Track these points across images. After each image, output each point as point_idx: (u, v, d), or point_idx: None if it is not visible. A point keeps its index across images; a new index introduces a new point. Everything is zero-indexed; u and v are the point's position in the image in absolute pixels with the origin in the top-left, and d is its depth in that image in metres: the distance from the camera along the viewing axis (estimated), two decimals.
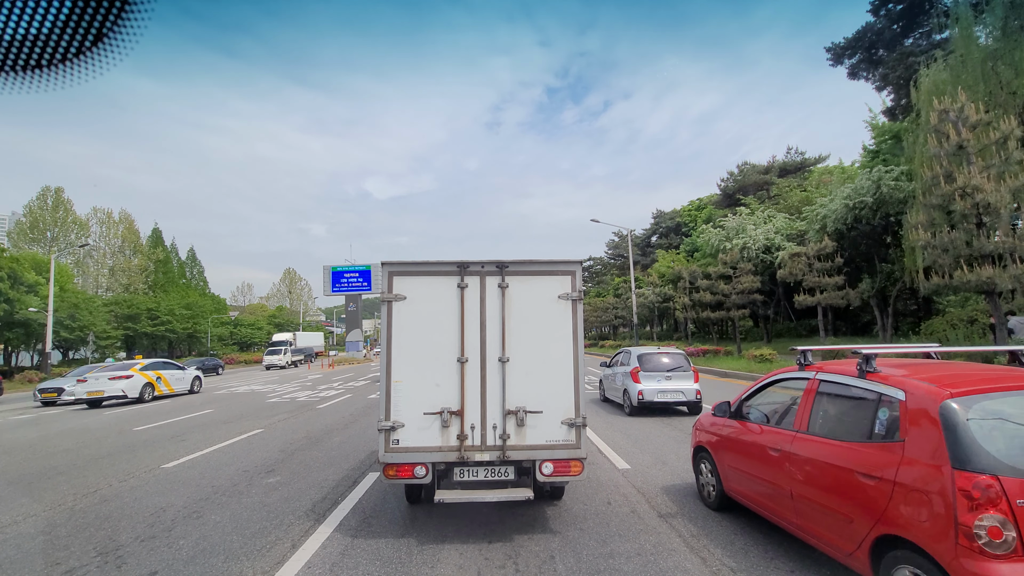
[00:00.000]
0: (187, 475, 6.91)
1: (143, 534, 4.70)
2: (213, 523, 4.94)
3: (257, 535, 4.59)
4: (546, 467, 4.44)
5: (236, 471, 7.04)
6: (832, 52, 22.22)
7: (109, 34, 1.39)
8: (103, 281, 57.57)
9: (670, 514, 4.89)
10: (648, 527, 4.57)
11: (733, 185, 44.76)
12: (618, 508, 5.10)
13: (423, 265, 4.68)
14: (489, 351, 4.58)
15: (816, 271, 17.89)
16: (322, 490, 5.96)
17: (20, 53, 1.37)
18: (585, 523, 4.71)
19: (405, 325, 4.60)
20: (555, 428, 4.50)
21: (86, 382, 16.47)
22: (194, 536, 4.62)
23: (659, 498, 5.39)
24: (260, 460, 7.67)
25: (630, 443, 8.18)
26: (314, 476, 6.62)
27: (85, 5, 1.33)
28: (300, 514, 5.14)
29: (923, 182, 13.08)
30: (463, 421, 4.49)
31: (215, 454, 8.27)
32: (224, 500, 5.69)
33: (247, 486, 6.24)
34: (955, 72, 15.42)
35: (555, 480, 4.54)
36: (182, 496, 5.92)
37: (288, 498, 5.69)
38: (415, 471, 4.46)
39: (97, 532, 4.81)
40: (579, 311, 4.64)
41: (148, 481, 6.67)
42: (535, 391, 4.53)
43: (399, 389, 4.52)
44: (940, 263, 12.32)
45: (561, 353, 4.57)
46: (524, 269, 4.68)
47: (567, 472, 4.47)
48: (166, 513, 5.31)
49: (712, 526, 4.56)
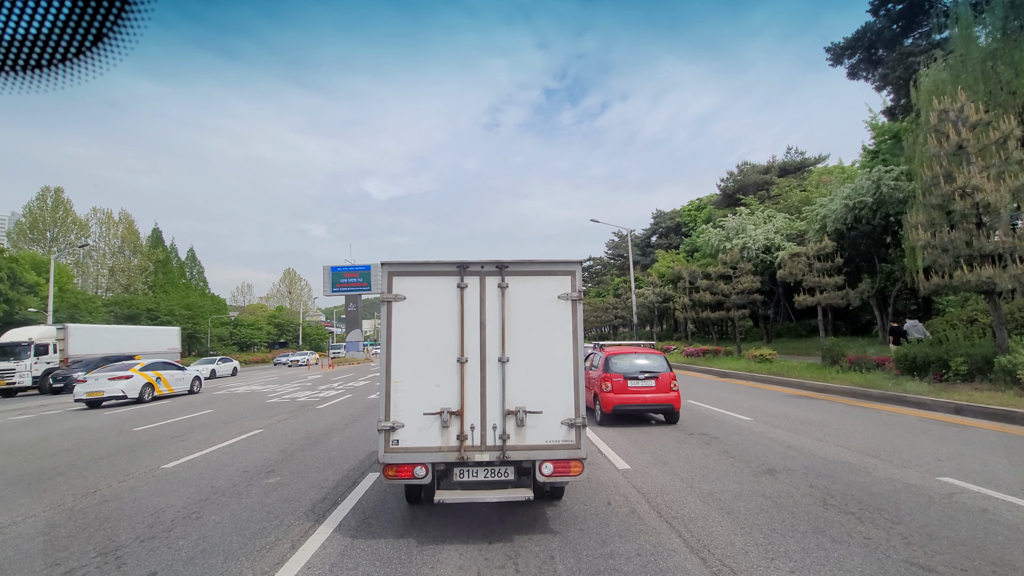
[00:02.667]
0: (187, 475, 6.91)
1: (143, 534, 4.70)
2: (213, 523, 4.94)
3: (257, 535, 4.59)
4: (546, 467, 4.45)
5: (236, 471, 7.04)
6: (832, 52, 22.23)
7: (109, 34, 1.39)
8: (103, 281, 57.56)
9: (671, 515, 4.88)
10: (648, 527, 4.56)
11: (733, 185, 44.75)
12: (618, 508, 5.10)
13: (423, 265, 4.67)
14: (489, 351, 4.57)
15: (816, 271, 17.88)
16: (322, 490, 5.96)
17: (20, 53, 1.38)
18: (585, 523, 4.70)
19: (405, 325, 4.59)
20: (555, 428, 4.50)
21: (85, 383, 16.46)
22: (194, 536, 4.61)
23: (659, 498, 5.39)
24: (260, 460, 7.67)
25: (630, 443, 8.18)
26: (314, 476, 6.62)
27: (85, 5, 1.33)
28: (300, 514, 5.13)
29: (923, 182, 13.07)
30: (463, 421, 4.48)
31: (215, 454, 8.26)
32: (224, 500, 5.69)
33: (247, 487, 6.23)
34: (955, 72, 15.42)
35: (555, 480, 4.56)
36: (182, 496, 5.91)
37: (288, 498, 5.69)
38: (415, 471, 4.46)
39: (97, 532, 4.81)
40: (579, 311, 4.64)
41: (148, 481, 6.67)
42: (535, 391, 4.53)
43: (399, 389, 4.51)
44: (940, 263, 12.32)
45: (561, 353, 4.58)
46: (524, 269, 4.67)
47: (567, 472, 4.48)
48: (166, 513, 5.30)
49: (712, 526, 4.55)
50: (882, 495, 5.30)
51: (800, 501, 5.19)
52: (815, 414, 10.52)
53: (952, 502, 5.07)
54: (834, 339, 18.12)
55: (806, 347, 27.14)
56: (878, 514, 4.75)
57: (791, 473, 6.23)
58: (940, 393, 11.05)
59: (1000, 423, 8.87)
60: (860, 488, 5.57)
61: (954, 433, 8.32)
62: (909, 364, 13.51)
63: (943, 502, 5.07)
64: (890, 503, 5.05)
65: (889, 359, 14.67)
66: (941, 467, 6.32)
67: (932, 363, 12.97)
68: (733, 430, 9.06)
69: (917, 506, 4.96)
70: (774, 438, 8.28)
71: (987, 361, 11.79)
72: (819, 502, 5.14)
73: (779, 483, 5.83)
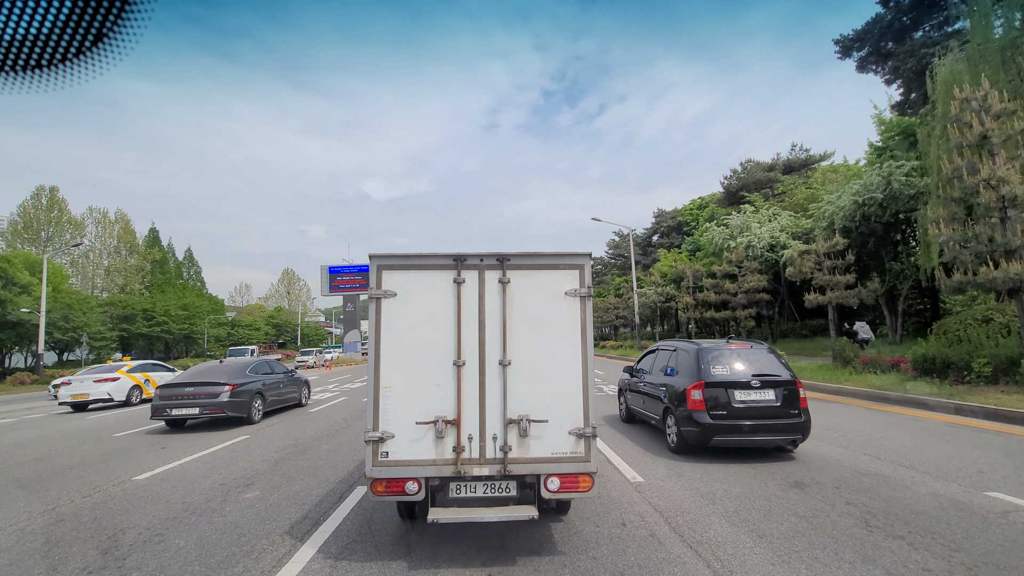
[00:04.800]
0: (158, 489, 6.32)
1: (90, 564, 4.11)
2: (175, 549, 4.35)
3: (223, 564, 4.00)
4: (552, 482, 3.97)
5: (212, 484, 6.45)
6: (840, 45, 21.66)
7: (109, 34, 1.39)
8: (99, 282, 56.97)
9: (695, 539, 4.30)
10: (672, 555, 3.98)
11: (736, 183, 44.17)
12: (634, 531, 4.52)
13: (415, 258, 4.22)
14: (489, 353, 4.12)
15: (826, 269, 17.30)
16: (303, 507, 5.37)
17: (20, 53, 1.37)
18: (598, 549, 4.12)
19: (395, 325, 4.11)
20: (562, 439, 4.03)
21: (71, 385, 15.88)
22: (150, 566, 4.02)
23: (680, 518, 4.80)
24: (240, 471, 7.09)
25: (640, 450, 7.59)
26: (296, 490, 6.03)
27: (85, 5, 1.33)
28: (276, 537, 4.55)
29: (942, 175, 12.51)
30: (460, 431, 4.02)
31: (193, 464, 7.68)
32: (193, 520, 5.10)
33: (221, 503, 5.65)
34: (972, 62, 14.86)
35: (561, 497, 4.12)
36: (147, 515, 5.33)
37: (265, 517, 5.10)
38: (406, 487, 3.97)
39: (40, 562, 4.22)
40: (588, 309, 4.18)
41: (114, 496, 6.08)
42: (540, 398, 4.06)
43: (388, 396, 4.03)
44: (961, 259, 11.75)
45: (569, 356, 4.10)
46: (527, 262, 4.21)
47: (575, 488, 4.00)
48: (125, 536, 4.71)
49: (745, 554, 3.97)
50: (929, 514, 4.73)
51: (839, 522, 4.61)
52: (833, 418, 9.94)
53: (1009, 523, 4.50)
54: (845, 340, 17.54)
55: (812, 348, 26.55)
56: (932, 539, 4.17)
57: (821, 487, 5.65)
58: (965, 396, 10.47)
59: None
60: (903, 506, 4.99)
61: (988, 440, 7.74)
62: (927, 365, 12.93)
63: (999, 523, 4.50)
64: (941, 524, 4.47)
65: (904, 360, 14.10)
66: (985, 480, 5.75)
67: (952, 364, 12.40)
68: None
69: (972, 528, 4.38)
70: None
71: (1012, 362, 11.22)
72: (861, 523, 4.56)
73: (811, 499, 5.26)
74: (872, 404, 11.62)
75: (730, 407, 6.85)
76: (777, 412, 6.85)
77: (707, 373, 7.06)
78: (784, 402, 6.91)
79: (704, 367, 7.14)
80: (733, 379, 6.99)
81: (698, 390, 6.97)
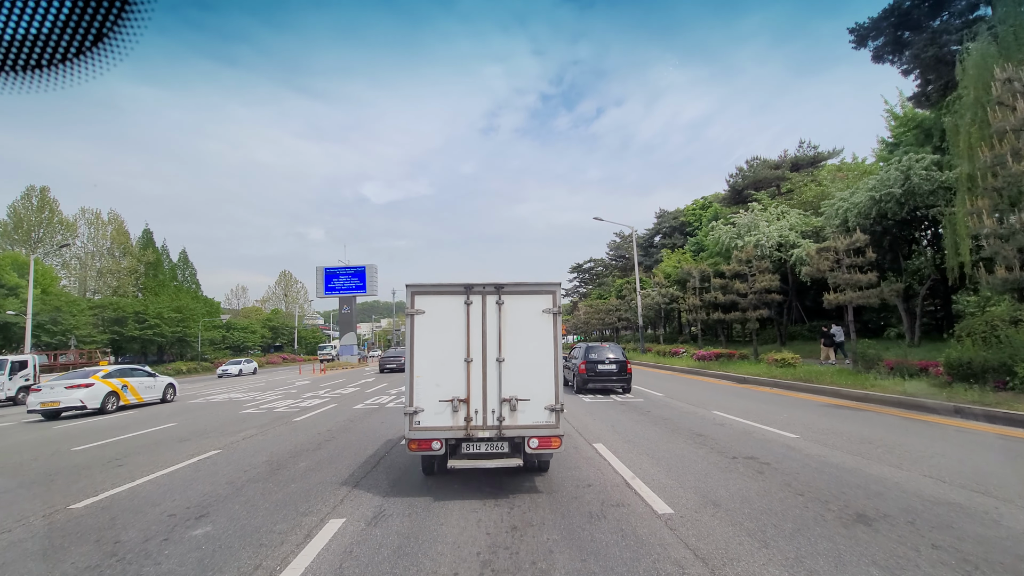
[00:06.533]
0: (92, 523, 5.30)
1: None
2: None
3: None
4: (532, 442, 5.61)
5: (160, 515, 5.44)
6: (856, 34, 20.69)
7: (109, 35, 1.40)
8: (91, 283, 55.90)
9: None
10: None
11: (742, 181, 43.18)
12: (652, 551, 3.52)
13: (437, 287, 5.81)
14: (489, 353, 5.72)
15: (846, 267, 16.32)
16: (260, 550, 4.36)
17: (20, 53, 1.37)
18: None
19: (424, 333, 5.72)
20: (540, 412, 5.65)
21: (40, 391, 14.84)
22: None
23: (728, 569, 3.80)
24: (197, 497, 6.07)
25: (661, 470, 6.55)
26: (258, 523, 5.02)
27: (85, 5, 1.33)
28: None
29: (979, 164, 11.55)
30: (469, 407, 5.64)
31: (147, 486, 6.66)
32: (118, 570, 4.09)
33: (161, 543, 4.63)
34: (1004, 45, 13.93)
35: (540, 453, 5.75)
36: (67, 560, 4.31)
37: (207, 566, 4.09)
38: (432, 445, 5.62)
39: None
40: (558, 322, 5.80)
41: (36, 533, 5.06)
42: (524, 383, 5.68)
43: (419, 383, 5.62)
44: (1004, 255, 10.77)
45: (544, 354, 5.72)
46: (516, 289, 5.81)
47: (549, 446, 5.65)
48: None
49: None
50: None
51: (933, 574, 3.62)
52: (870, 430, 8.95)
53: None
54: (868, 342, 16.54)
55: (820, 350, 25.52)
56: None
57: (892, 522, 4.65)
58: (1014, 405, 9.49)
59: None
60: (1002, 549, 3.99)
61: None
62: (963, 370, 11.95)
63: None
64: None
65: (935, 364, 13.12)
66: None
67: (991, 369, 11.42)
68: (783, 453, 7.47)
69: None
70: (838, 464, 6.69)
71: None
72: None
73: (885, 539, 4.25)
74: (907, 413, 10.62)
75: (595, 371, 15.40)
76: (615, 374, 15.44)
77: (588, 356, 15.84)
78: (620, 369, 15.44)
79: (587, 354, 15.97)
80: (597, 359, 15.67)
81: (584, 364, 15.56)
